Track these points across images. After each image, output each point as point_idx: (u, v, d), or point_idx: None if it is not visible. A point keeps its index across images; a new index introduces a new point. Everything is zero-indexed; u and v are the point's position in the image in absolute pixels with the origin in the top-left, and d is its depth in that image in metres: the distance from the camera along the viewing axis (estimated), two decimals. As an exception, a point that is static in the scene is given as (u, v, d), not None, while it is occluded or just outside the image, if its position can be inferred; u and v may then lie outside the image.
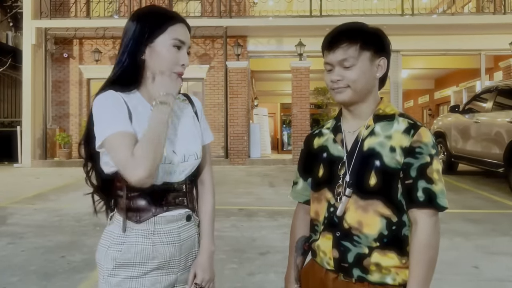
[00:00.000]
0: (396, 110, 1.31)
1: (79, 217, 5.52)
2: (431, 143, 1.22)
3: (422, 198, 1.18)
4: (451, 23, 12.10)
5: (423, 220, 1.18)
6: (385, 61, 1.29)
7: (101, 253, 1.28)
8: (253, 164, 12.19)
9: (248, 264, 3.75)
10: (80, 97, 13.24)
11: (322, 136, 1.39)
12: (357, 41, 1.24)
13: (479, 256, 3.98)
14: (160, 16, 1.29)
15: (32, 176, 9.91)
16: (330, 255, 1.26)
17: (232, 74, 12.54)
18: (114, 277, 1.25)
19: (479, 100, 8.37)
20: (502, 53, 12.47)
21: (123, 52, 1.28)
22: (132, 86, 1.30)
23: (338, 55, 1.25)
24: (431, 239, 1.17)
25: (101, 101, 1.23)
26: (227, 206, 6.14)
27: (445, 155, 9.20)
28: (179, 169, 1.29)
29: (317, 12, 12.23)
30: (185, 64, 1.30)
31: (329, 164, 1.31)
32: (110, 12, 13.28)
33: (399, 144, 1.22)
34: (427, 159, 1.20)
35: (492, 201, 6.57)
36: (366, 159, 1.24)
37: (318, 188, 1.33)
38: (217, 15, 12.63)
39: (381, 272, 1.21)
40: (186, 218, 1.33)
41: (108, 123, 1.19)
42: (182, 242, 1.31)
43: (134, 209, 1.25)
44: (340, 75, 1.26)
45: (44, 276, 3.50)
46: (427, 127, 1.33)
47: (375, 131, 1.26)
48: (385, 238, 1.21)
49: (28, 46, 12.38)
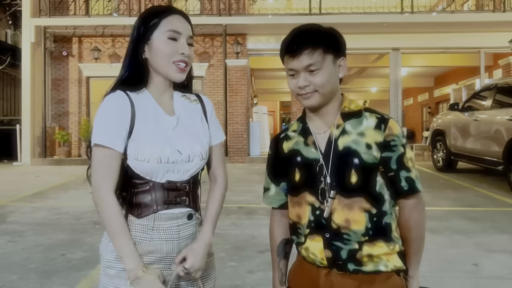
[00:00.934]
0: (360, 105, 1.32)
1: (78, 215, 5.52)
2: (401, 134, 1.27)
3: (406, 187, 1.27)
4: (451, 21, 12.09)
5: (409, 205, 1.29)
6: (345, 61, 1.31)
7: (103, 245, 1.33)
8: (252, 162, 12.19)
9: (248, 262, 3.76)
10: (79, 95, 13.22)
11: (290, 140, 1.37)
12: (319, 45, 1.24)
13: (479, 253, 3.98)
14: (153, 13, 1.32)
15: (31, 174, 9.90)
16: (322, 256, 1.27)
17: (231, 72, 12.53)
18: (111, 269, 1.28)
19: (479, 98, 8.37)
20: (502, 51, 12.46)
21: (126, 57, 1.33)
22: (139, 85, 1.33)
23: (304, 61, 1.24)
24: (417, 219, 1.29)
25: (105, 105, 1.28)
26: (227, 204, 6.12)
27: (445, 153, 9.21)
28: (184, 169, 1.31)
29: (316, 10, 12.21)
30: (184, 53, 1.30)
31: (305, 168, 1.30)
32: (109, 10, 13.24)
33: (374, 140, 1.25)
34: (401, 149, 1.26)
35: (492, 199, 6.58)
36: (343, 158, 1.25)
37: (297, 193, 1.33)
38: (216, 13, 12.61)
39: (373, 261, 1.25)
40: (187, 217, 1.33)
41: (100, 132, 1.25)
42: (181, 240, 1.31)
43: (136, 204, 1.28)
44: (307, 81, 1.25)
45: (44, 274, 3.50)
46: (427, 125, 1.36)
47: (346, 130, 1.27)
48: (370, 231, 1.25)
49: (27, 44, 12.36)
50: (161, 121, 1.31)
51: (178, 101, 1.38)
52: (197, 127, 1.38)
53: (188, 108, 1.39)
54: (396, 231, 1.29)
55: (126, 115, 1.26)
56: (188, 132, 1.34)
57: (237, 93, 12.58)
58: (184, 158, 1.30)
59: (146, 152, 1.25)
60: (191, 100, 1.41)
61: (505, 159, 6.88)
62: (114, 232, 1.24)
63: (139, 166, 1.26)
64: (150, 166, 1.25)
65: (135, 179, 1.28)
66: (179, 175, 1.30)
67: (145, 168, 1.26)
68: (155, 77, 1.34)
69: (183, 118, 1.36)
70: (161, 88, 1.35)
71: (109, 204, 1.24)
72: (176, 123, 1.33)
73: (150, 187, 1.28)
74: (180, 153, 1.29)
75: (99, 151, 1.25)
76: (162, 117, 1.32)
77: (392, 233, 1.27)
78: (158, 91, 1.34)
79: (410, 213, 1.29)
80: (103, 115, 1.26)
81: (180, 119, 1.35)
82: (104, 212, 1.24)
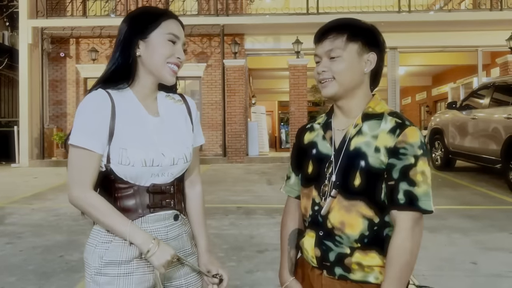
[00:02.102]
0: (386, 108, 1.28)
1: (76, 217, 5.51)
2: (417, 144, 1.18)
3: (402, 200, 1.16)
4: (448, 19, 12.11)
5: (401, 223, 1.16)
6: (374, 56, 1.26)
7: (89, 252, 1.28)
8: (251, 162, 12.19)
9: (247, 262, 3.75)
10: (77, 96, 13.19)
11: (313, 131, 1.37)
12: (344, 32, 1.23)
13: (477, 252, 3.99)
14: (152, 12, 1.31)
15: (29, 176, 9.88)
16: (313, 254, 1.27)
17: (229, 72, 12.52)
18: (102, 276, 1.24)
19: (477, 96, 8.38)
20: (499, 50, 12.47)
21: (115, 51, 1.29)
22: (124, 82, 1.29)
23: (325, 46, 1.24)
24: (406, 243, 1.14)
25: (84, 104, 1.24)
26: (226, 204, 6.14)
27: (443, 151, 9.22)
28: (168, 172, 1.29)
29: (314, 10, 12.21)
30: (180, 57, 1.30)
31: (317, 162, 1.30)
32: (107, 11, 13.22)
33: (384, 144, 1.19)
34: (411, 160, 1.17)
35: (490, 197, 6.59)
36: (352, 159, 1.23)
37: (307, 185, 1.33)
38: (214, 13, 12.60)
39: (363, 270, 1.21)
40: (173, 218, 1.32)
41: (78, 131, 1.22)
42: (169, 241, 1.29)
43: (121, 209, 1.24)
44: (326, 66, 1.25)
45: (42, 275, 3.49)
46: (425, 124, 1.32)
47: (362, 130, 1.24)
48: (365, 239, 1.21)
49: (25, 46, 12.32)
50: (145, 122, 1.28)
51: (162, 101, 1.36)
52: (182, 128, 1.36)
53: (172, 108, 1.37)
54: None
55: (105, 115, 1.22)
56: (172, 133, 1.32)
57: (235, 93, 12.57)
58: (169, 162, 1.27)
59: (130, 156, 1.22)
60: (175, 101, 1.39)
61: (503, 157, 6.89)
62: (108, 215, 1.20)
63: (123, 170, 1.23)
64: (135, 170, 1.23)
65: (119, 183, 1.25)
66: (164, 178, 1.29)
67: (129, 172, 1.23)
68: (144, 77, 1.30)
69: (168, 119, 1.33)
70: (147, 89, 1.31)
71: (91, 196, 1.21)
72: (160, 124, 1.31)
73: (134, 191, 1.25)
74: (164, 156, 1.26)
75: (75, 152, 1.22)
76: (145, 118, 1.29)
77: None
78: (143, 92, 1.31)
79: (401, 232, 1.14)
80: (82, 114, 1.22)
81: (164, 120, 1.32)
82: (89, 200, 1.21)
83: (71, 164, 1.23)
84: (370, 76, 1.29)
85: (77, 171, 1.22)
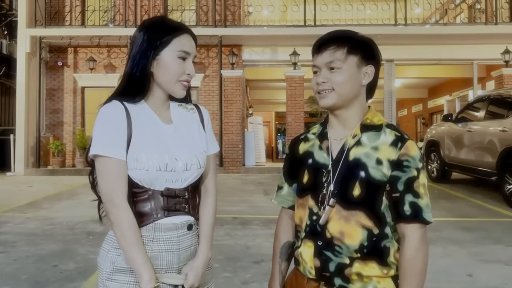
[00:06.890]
0: (383, 120, 1.30)
1: (72, 226, 5.48)
2: (418, 157, 1.21)
3: (408, 212, 1.19)
4: (444, 33, 12.24)
5: (410, 234, 1.20)
6: (372, 69, 1.29)
7: (102, 257, 1.31)
8: (247, 172, 12.18)
9: (243, 272, 3.74)
10: (74, 105, 13.20)
11: (308, 141, 1.38)
12: (344, 44, 1.25)
13: (473, 264, 3.99)
14: (165, 28, 1.31)
15: (25, 185, 9.83)
16: (311, 264, 1.26)
17: (227, 82, 12.57)
18: (112, 282, 1.26)
19: (472, 109, 8.44)
20: (494, 63, 12.60)
21: (132, 65, 1.30)
22: (139, 96, 1.32)
23: (325, 57, 1.26)
24: (418, 252, 1.19)
25: (103, 114, 1.27)
26: (222, 215, 6.12)
27: (439, 163, 9.25)
28: (182, 178, 1.31)
29: (311, 22, 12.32)
30: (190, 73, 1.33)
31: (314, 171, 1.30)
32: (105, 21, 13.29)
33: (387, 157, 1.21)
34: (414, 172, 1.20)
35: (485, 209, 6.60)
36: (351, 169, 1.23)
37: (302, 194, 1.33)
38: (212, 24, 12.69)
39: (362, 280, 1.22)
40: (187, 227, 1.32)
41: (102, 141, 1.24)
42: (181, 251, 1.30)
43: (137, 214, 1.26)
44: (326, 77, 1.26)
45: (36, 285, 3.46)
46: (421, 136, 1.34)
47: (361, 141, 1.25)
48: (365, 249, 1.21)
49: (23, 54, 12.34)
50: (159, 129, 1.31)
51: (174, 110, 1.39)
52: (194, 134, 1.38)
53: (185, 116, 1.39)
54: (393, 256, 1.23)
55: (123, 125, 1.25)
56: (185, 140, 1.34)
57: (232, 104, 12.61)
58: (182, 167, 1.29)
59: (144, 161, 1.24)
60: (187, 109, 1.42)
61: (498, 170, 6.92)
62: (130, 242, 1.21)
63: (138, 175, 1.25)
64: (149, 174, 1.25)
65: (134, 188, 1.27)
66: (178, 184, 1.30)
67: (144, 177, 1.26)
68: (156, 90, 1.34)
69: (180, 126, 1.36)
70: (160, 101, 1.35)
71: (125, 213, 1.22)
72: (173, 131, 1.34)
73: (149, 195, 1.27)
74: (177, 161, 1.29)
75: (103, 162, 1.23)
76: (159, 126, 1.32)
77: (389, 258, 1.23)
78: (156, 103, 1.34)
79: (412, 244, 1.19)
80: (102, 125, 1.25)
81: (177, 127, 1.35)
82: (119, 220, 1.21)
83: (103, 175, 1.24)
84: (366, 88, 1.32)
85: (108, 182, 1.23)
